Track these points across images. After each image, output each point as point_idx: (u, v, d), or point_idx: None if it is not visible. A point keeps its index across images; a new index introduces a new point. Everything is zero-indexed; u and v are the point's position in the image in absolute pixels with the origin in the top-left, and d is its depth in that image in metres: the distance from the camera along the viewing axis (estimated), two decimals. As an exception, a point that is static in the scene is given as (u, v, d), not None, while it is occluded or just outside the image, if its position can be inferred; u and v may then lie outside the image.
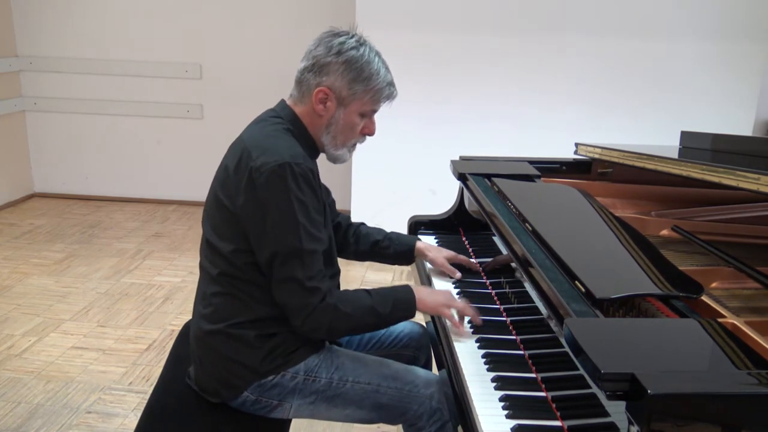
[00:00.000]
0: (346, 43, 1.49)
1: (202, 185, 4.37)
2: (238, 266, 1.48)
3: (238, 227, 1.46)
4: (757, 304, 1.41)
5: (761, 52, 3.69)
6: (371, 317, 1.52)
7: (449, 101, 3.85)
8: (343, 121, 1.54)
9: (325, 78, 1.50)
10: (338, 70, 1.49)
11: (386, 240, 1.87)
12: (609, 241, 1.55)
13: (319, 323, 1.45)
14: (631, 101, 3.79)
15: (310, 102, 1.53)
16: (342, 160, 1.62)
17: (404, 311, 1.56)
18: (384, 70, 1.53)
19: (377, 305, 1.52)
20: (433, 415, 1.53)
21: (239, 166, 1.45)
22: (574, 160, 2.28)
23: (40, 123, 4.95)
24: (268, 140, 1.48)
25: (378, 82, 1.51)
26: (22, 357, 2.78)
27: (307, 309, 1.44)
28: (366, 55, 1.50)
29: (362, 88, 1.50)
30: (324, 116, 1.53)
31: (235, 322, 1.49)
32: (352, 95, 1.51)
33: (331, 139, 1.56)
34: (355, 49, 1.49)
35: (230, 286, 1.50)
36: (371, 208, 4.06)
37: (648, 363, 0.97)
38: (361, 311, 1.50)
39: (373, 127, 1.60)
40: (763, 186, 1.49)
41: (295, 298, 1.44)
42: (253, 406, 1.52)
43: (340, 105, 1.52)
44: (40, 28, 4.76)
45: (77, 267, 3.75)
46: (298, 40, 4.54)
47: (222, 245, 1.49)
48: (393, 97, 1.57)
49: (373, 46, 1.54)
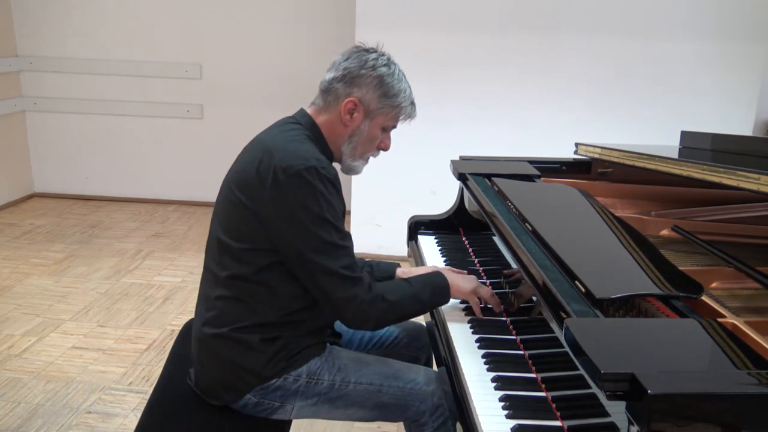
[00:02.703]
0: (378, 59, 1.56)
1: (202, 185, 4.43)
2: (250, 267, 1.47)
3: (256, 226, 1.46)
4: (757, 304, 1.41)
5: (761, 52, 3.68)
6: (416, 304, 1.55)
7: (449, 101, 3.85)
8: (367, 133, 1.58)
9: (356, 89, 1.54)
10: (371, 84, 1.54)
11: (366, 267, 1.83)
12: (609, 241, 1.55)
13: (369, 315, 1.46)
14: (631, 101, 3.78)
15: (336, 111, 1.56)
16: (356, 172, 1.66)
17: (442, 296, 1.60)
18: (409, 90, 1.61)
19: (419, 292, 1.55)
20: (435, 412, 1.54)
21: (261, 165, 1.45)
22: (574, 160, 2.28)
23: (40, 123, 4.95)
24: (292, 144, 1.49)
25: (404, 99, 1.58)
26: (22, 357, 2.78)
27: (355, 301, 1.44)
28: (396, 74, 1.57)
29: (390, 103, 1.56)
30: (349, 126, 1.57)
31: (239, 326, 1.49)
32: (380, 109, 1.56)
33: (351, 150, 1.60)
34: (387, 66, 1.56)
35: (237, 289, 1.49)
36: (371, 208, 4.06)
37: (648, 363, 0.97)
38: (407, 299, 1.53)
39: (388, 143, 1.65)
40: (763, 186, 1.49)
41: (339, 290, 1.44)
42: (254, 409, 1.52)
43: (367, 117, 1.56)
44: (40, 28, 4.76)
45: (77, 267, 3.75)
46: (299, 41, 4.60)
47: (235, 245, 1.49)
48: (413, 116, 1.64)
49: (400, 66, 1.61)
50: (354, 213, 4.09)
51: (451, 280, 1.62)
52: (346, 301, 1.44)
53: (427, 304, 1.58)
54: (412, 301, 1.54)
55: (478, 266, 1.96)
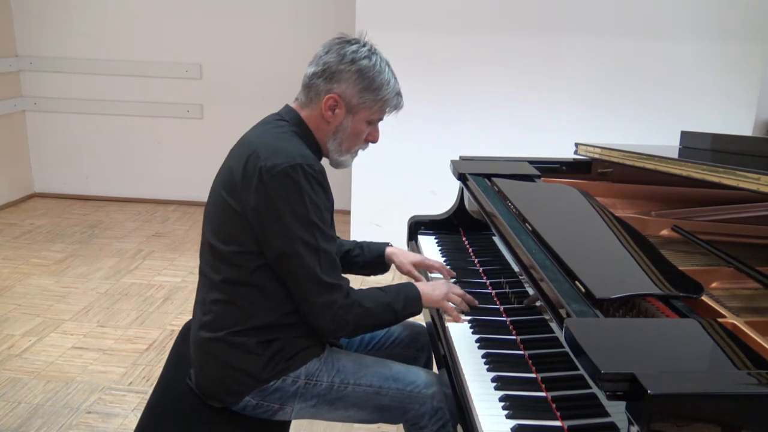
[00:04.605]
0: (358, 51, 1.50)
1: (202, 185, 4.41)
2: (242, 270, 1.47)
3: (245, 228, 1.45)
4: (757, 304, 1.41)
5: (761, 52, 3.68)
6: (390, 314, 1.54)
7: (449, 101, 3.85)
8: (350, 128, 1.55)
9: (336, 85, 1.50)
10: (350, 78, 1.49)
11: (357, 249, 1.84)
12: (609, 241, 1.55)
13: (346, 321, 1.45)
14: (631, 101, 3.78)
15: (318, 107, 1.53)
16: (345, 166, 1.63)
17: (414, 307, 1.58)
18: (393, 81, 1.55)
19: (393, 302, 1.53)
20: (435, 414, 1.53)
21: (247, 166, 1.44)
22: (574, 160, 2.28)
23: (40, 123, 4.95)
24: (277, 142, 1.47)
25: (387, 92, 1.53)
26: (22, 357, 2.78)
27: (332, 307, 1.43)
28: (378, 65, 1.52)
29: (372, 97, 1.52)
30: (332, 123, 1.54)
31: (235, 330, 1.48)
32: (362, 104, 1.52)
33: (337, 146, 1.57)
34: (368, 59, 1.51)
35: (231, 293, 1.49)
36: (371, 208, 4.06)
37: (648, 363, 0.97)
38: (381, 307, 1.51)
39: (377, 135, 1.61)
40: (763, 186, 1.49)
41: (317, 296, 1.43)
42: (254, 410, 1.52)
43: (349, 113, 1.53)
44: (40, 28, 4.76)
45: (77, 267, 3.75)
46: (298, 40, 4.60)
47: (225, 248, 1.48)
48: (400, 107, 1.60)
49: (383, 55, 1.55)
50: (354, 213, 4.09)
51: (421, 290, 1.60)
52: (324, 306, 1.43)
53: (400, 313, 1.55)
54: (387, 310, 1.52)
55: (478, 266, 1.96)
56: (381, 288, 1.57)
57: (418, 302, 1.58)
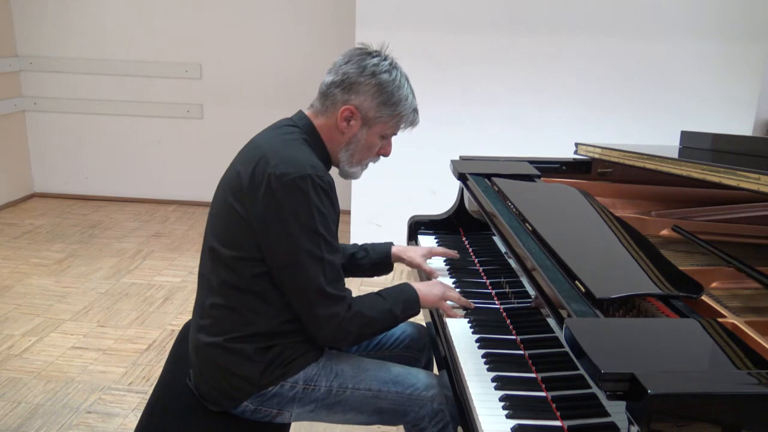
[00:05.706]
0: (380, 65, 1.49)
1: (202, 185, 4.42)
2: (241, 276, 1.45)
3: (249, 234, 1.43)
4: (757, 304, 1.41)
5: (761, 52, 3.69)
6: (390, 319, 1.53)
7: (449, 101, 3.85)
8: (364, 141, 1.54)
9: (353, 96, 1.49)
10: (369, 91, 1.48)
11: (361, 251, 1.83)
12: (609, 241, 1.55)
13: (348, 332, 1.45)
14: (631, 101, 3.79)
15: (333, 117, 1.52)
16: (354, 178, 1.63)
17: (412, 309, 1.58)
18: (411, 97, 1.54)
19: (393, 307, 1.53)
20: (435, 416, 1.53)
21: (255, 172, 1.42)
22: (574, 160, 2.28)
23: (40, 123, 4.95)
24: (288, 150, 1.45)
25: (405, 108, 1.53)
26: (22, 357, 2.78)
27: (335, 319, 1.42)
28: (397, 80, 1.51)
29: (389, 112, 1.51)
30: (346, 134, 1.53)
31: (233, 336, 1.47)
32: (378, 117, 1.51)
33: (349, 157, 1.56)
34: (388, 73, 1.49)
35: (230, 298, 1.47)
36: (371, 208, 4.06)
37: (648, 363, 0.97)
38: (382, 314, 1.51)
39: (389, 149, 1.60)
40: (763, 186, 1.49)
41: (321, 307, 1.42)
42: (253, 415, 1.52)
43: (364, 125, 1.52)
44: (40, 28, 4.76)
45: (77, 267, 3.75)
46: (298, 40, 4.60)
47: (226, 252, 1.46)
48: (415, 123, 1.59)
49: (403, 70, 1.54)
50: (354, 213, 4.09)
51: (418, 290, 1.59)
52: (327, 318, 1.42)
53: (399, 317, 1.55)
54: (387, 316, 1.52)
55: (478, 266, 1.96)
56: (379, 293, 1.56)
57: (416, 304, 1.58)
